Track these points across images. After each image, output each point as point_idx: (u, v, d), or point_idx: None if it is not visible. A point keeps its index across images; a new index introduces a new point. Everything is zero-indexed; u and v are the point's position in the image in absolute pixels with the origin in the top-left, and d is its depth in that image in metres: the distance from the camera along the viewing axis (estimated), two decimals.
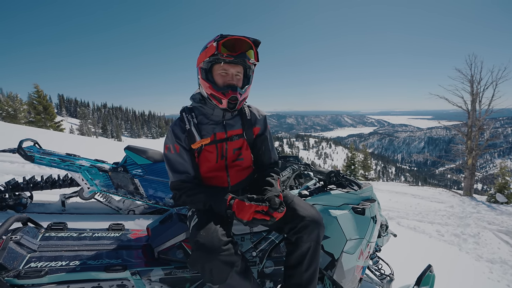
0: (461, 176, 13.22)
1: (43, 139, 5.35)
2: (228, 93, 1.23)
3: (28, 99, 21.50)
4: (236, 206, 1.14)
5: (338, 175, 1.80)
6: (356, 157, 19.69)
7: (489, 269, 3.03)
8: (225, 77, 1.26)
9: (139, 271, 1.24)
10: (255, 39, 1.24)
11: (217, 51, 1.17)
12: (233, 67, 1.25)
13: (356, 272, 1.56)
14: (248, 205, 1.11)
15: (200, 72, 1.28)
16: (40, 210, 2.81)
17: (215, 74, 1.27)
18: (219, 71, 1.25)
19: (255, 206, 1.11)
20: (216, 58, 1.21)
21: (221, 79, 1.26)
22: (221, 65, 1.24)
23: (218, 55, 1.18)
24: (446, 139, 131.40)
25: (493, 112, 12.05)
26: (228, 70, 1.25)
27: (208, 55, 1.20)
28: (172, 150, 1.31)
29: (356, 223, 1.59)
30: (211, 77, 1.27)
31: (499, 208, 6.72)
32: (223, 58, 1.19)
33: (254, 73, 1.36)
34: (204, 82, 1.27)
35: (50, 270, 1.10)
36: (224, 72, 1.25)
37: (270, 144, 1.50)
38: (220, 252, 1.03)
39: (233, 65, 1.25)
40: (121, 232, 1.54)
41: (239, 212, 1.12)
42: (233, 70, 1.26)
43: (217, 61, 1.23)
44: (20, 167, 4.36)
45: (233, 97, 1.24)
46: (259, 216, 1.11)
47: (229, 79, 1.26)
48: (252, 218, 1.11)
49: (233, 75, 1.26)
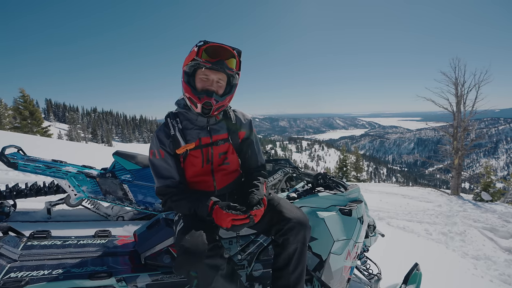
0: (448, 176, 13.56)
1: (29, 145, 5.22)
2: (202, 98, 1.25)
3: (14, 104, 20.90)
4: (215, 213, 1.15)
5: (325, 177, 1.82)
6: (348, 159, 19.95)
7: (474, 265, 3.12)
8: (205, 82, 1.27)
9: (125, 278, 1.22)
10: (236, 48, 1.26)
11: (197, 56, 1.20)
12: (214, 73, 1.26)
13: (344, 272, 1.57)
14: (226, 214, 1.13)
15: (183, 75, 1.30)
16: (24, 219, 2.72)
17: (197, 78, 1.28)
18: (200, 76, 1.27)
19: (232, 215, 1.13)
20: (196, 63, 1.23)
21: (200, 83, 1.27)
22: (202, 70, 1.25)
23: (198, 60, 1.20)
24: (434, 140, 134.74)
25: (477, 113, 12.46)
26: (209, 76, 1.26)
27: (190, 59, 1.23)
28: (157, 155, 1.31)
29: (343, 224, 1.61)
30: (192, 81, 1.29)
31: (484, 206, 6.92)
32: (202, 63, 1.21)
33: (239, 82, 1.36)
34: (185, 85, 1.29)
35: (31, 279, 1.08)
36: (205, 77, 1.26)
37: (257, 148, 1.51)
38: (205, 256, 1.03)
39: (214, 72, 1.26)
40: (108, 238, 1.52)
41: (217, 220, 1.14)
42: (214, 77, 1.27)
43: (199, 66, 1.25)
44: (3, 174, 4.22)
45: (207, 102, 1.25)
46: (237, 222, 1.13)
47: (208, 84, 1.27)
48: (232, 225, 1.13)
49: (213, 81, 1.27)
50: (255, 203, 1.23)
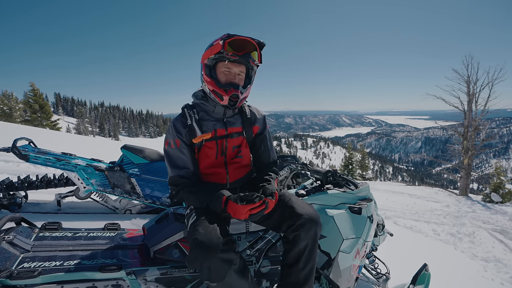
0: (457, 176, 13.33)
1: (39, 138, 5.30)
2: (230, 91, 1.26)
3: (24, 98, 21.29)
4: (230, 208, 1.15)
5: (335, 175, 1.80)
6: (353, 157, 19.77)
7: (484, 267, 3.06)
8: (228, 75, 1.28)
9: (134, 271, 1.23)
10: (260, 41, 1.27)
11: (222, 49, 1.19)
12: (236, 66, 1.28)
13: (352, 271, 1.56)
14: (242, 207, 1.12)
15: (204, 68, 1.30)
16: (35, 210, 2.79)
17: (219, 71, 1.29)
18: (222, 69, 1.28)
19: (248, 206, 1.13)
20: (221, 56, 1.23)
21: (224, 76, 1.29)
22: (225, 63, 1.26)
23: (224, 53, 1.20)
24: (442, 139, 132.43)
25: (489, 113, 12.15)
26: (232, 68, 1.28)
27: (214, 52, 1.22)
28: (172, 145, 1.32)
29: (353, 223, 1.59)
30: (214, 74, 1.30)
31: (494, 208, 6.78)
32: (228, 56, 1.22)
33: (256, 74, 1.38)
34: (207, 78, 1.29)
35: (44, 270, 1.09)
36: (227, 70, 1.28)
37: (269, 144, 1.52)
38: (219, 250, 1.03)
39: (236, 65, 1.28)
40: (117, 231, 1.53)
41: (234, 214, 1.14)
42: (236, 69, 1.29)
43: (221, 59, 1.25)
44: (15, 166, 4.31)
45: (235, 94, 1.27)
46: (255, 211, 1.13)
47: (231, 78, 1.28)
48: (249, 215, 1.13)
49: (235, 74, 1.29)
50: (268, 194, 1.24)
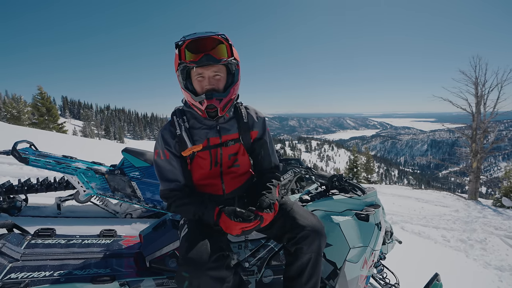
0: (464, 179, 13.03)
1: (44, 140, 5.34)
2: (203, 102, 1.11)
3: (32, 101, 21.68)
4: (222, 221, 1.07)
5: (341, 179, 1.72)
6: (358, 160, 19.55)
7: (498, 277, 2.92)
8: (202, 81, 1.12)
9: (128, 282, 1.17)
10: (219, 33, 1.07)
11: (180, 59, 1.07)
12: (207, 68, 1.10)
13: (360, 282, 1.48)
14: (234, 223, 1.04)
15: (179, 81, 1.16)
16: (35, 213, 2.76)
17: (193, 80, 1.14)
18: (195, 77, 1.12)
19: (242, 224, 1.05)
20: (184, 65, 1.09)
21: (198, 85, 1.12)
22: (194, 70, 1.11)
23: (183, 62, 1.07)
24: (449, 142, 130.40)
25: (498, 115, 11.89)
26: (203, 73, 1.10)
27: (176, 64, 1.09)
28: (161, 156, 1.21)
29: (360, 230, 1.52)
30: (190, 84, 1.15)
31: (506, 213, 6.57)
32: (189, 64, 1.07)
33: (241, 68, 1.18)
34: (184, 92, 1.15)
35: (32, 281, 1.03)
36: (199, 76, 1.11)
37: (270, 148, 1.38)
38: (209, 267, 0.95)
39: (207, 67, 1.09)
40: (113, 238, 1.47)
41: (226, 228, 1.06)
42: (208, 72, 1.11)
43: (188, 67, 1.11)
44: (18, 169, 4.32)
45: (210, 105, 1.11)
46: (247, 229, 1.05)
47: (205, 84, 1.12)
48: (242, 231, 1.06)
49: (209, 78, 1.12)
50: (265, 206, 1.12)
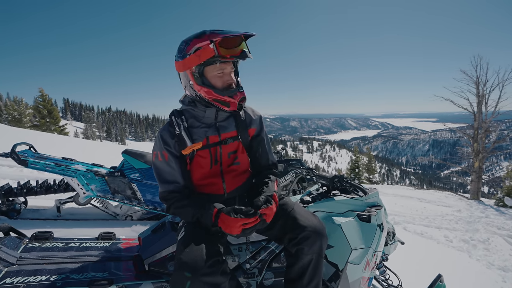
0: (466, 179, 12.97)
1: (44, 142, 5.34)
2: (236, 95, 1.15)
3: (34, 103, 21.73)
4: (222, 221, 1.04)
5: (342, 180, 1.70)
6: (360, 160, 19.51)
7: (502, 277, 2.88)
8: (222, 77, 1.16)
9: (126, 286, 1.15)
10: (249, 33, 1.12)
11: (217, 53, 1.06)
12: (228, 64, 1.15)
13: (362, 284, 1.46)
14: (234, 220, 1.02)
15: (192, 78, 1.16)
16: (34, 216, 2.74)
17: (211, 76, 1.15)
18: (215, 73, 1.14)
19: (241, 220, 1.02)
20: (215, 60, 1.10)
21: (219, 80, 1.16)
22: (216, 65, 1.13)
23: (219, 57, 1.08)
24: (451, 142, 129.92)
25: (499, 114, 11.83)
26: (225, 69, 1.15)
27: (204, 58, 1.09)
28: (160, 157, 1.20)
29: (362, 231, 1.50)
30: (206, 80, 1.16)
31: (509, 212, 6.51)
32: (226, 59, 1.10)
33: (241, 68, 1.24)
34: (200, 87, 1.15)
35: (27, 286, 1.01)
36: (221, 72, 1.15)
37: (267, 146, 1.40)
38: (204, 273, 0.93)
39: (228, 63, 1.15)
40: (111, 241, 1.45)
41: (226, 227, 1.03)
42: (229, 68, 1.16)
43: (212, 63, 1.12)
44: (18, 172, 4.31)
45: (243, 97, 1.17)
46: (248, 226, 1.03)
47: (228, 79, 1.16)
48: (242, 230, 1.03)
49: (230, 74, 1.17)
50: (263, 202, 1.11)
